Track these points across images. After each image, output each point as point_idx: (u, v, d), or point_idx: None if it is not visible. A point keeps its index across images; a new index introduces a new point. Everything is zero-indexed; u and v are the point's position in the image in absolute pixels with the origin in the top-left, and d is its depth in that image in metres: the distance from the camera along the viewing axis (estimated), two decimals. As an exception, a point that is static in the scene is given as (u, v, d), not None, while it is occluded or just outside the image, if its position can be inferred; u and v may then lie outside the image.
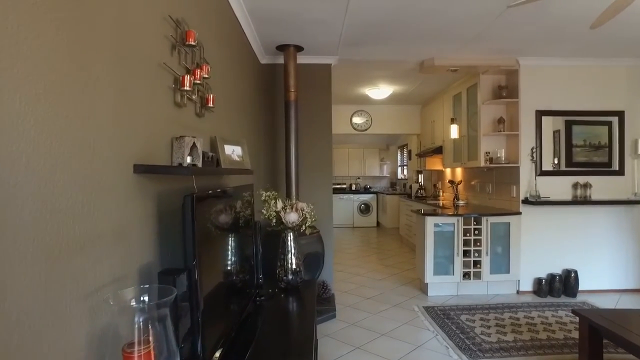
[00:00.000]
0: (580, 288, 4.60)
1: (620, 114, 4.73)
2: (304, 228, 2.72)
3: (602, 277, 4.72)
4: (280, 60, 4.07)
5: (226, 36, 2.71)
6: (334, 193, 10.37)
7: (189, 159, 1.65)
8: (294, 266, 2.79)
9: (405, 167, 10.24)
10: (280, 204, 2.69)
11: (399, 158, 10.95)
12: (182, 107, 1.76)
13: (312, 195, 4.32)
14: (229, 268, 2.07)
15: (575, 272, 4.56)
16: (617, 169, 4.74)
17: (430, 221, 4.49)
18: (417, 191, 7.88)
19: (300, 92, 4.12)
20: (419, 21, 3.47)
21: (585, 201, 4.59)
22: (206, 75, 1.95)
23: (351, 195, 10.69)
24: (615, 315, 2.73)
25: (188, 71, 1.81)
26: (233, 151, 2.35)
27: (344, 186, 11.10)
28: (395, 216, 9.30)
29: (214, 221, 1.83)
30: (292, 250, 2.78)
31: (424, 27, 3.61)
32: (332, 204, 4.51)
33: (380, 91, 6.19)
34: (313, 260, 3.79)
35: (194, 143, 1.67)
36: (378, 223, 10.66)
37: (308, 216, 2.74)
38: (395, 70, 5.17)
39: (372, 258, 6.66)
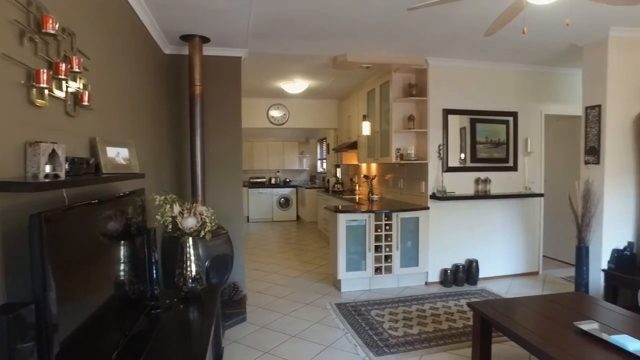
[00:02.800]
0: (480, 276, 4.93)
1: (514, 115, 5.11)
2: (203, 233, 2.55)
3: (498, 265, 5.11)
4: (187, 50, 3.78)
5: (112, 23, 2.42)
6: (252, 187, 10.31)
7: (47, 169, 1.41)
8: (194, 273, 2.61)
9: (324, 161, 10.31)
10: (177, 209, 2.49)
11: (318, 152, 11.00)
12: (41, 107, 1.50)
13: (221, 194, 4.13)
14: (112, 284, 1.85)
15: (476, 261, 4.88)
16: (512, 164, 5.14)
17: (342, 218, 4.52)
18: (334, 185, 7.95)
19: (207, 86, 3.88)
20: (329, 17, 3.42)
21: (485, 195, 4.92)
22: (77, 69, 1.69)
23: (271, 189, 10.55)
24: (503, 305, 2.91)
25: (50, 64, 1.55)
26: (118, 154, 2.11)
27: (263, 180, 10.92)
28: (314, 210, 9.34)
29: (88, 235, 1.60)
30: (192, 257, 2.60)
31: (335, 23, 3.56)
32: (242, 202, 4.35)
33: (295, 85, 6.10)
34: (221, 262, 3.62)
35: (53, 150, 1.43)
36: (298, 217, 10.65)
37: (208, 220, 2.57)
38: (309, 64, 5.10)
39: (289, 254, 6.60)
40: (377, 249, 4.61)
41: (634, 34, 3.89)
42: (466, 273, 4.85)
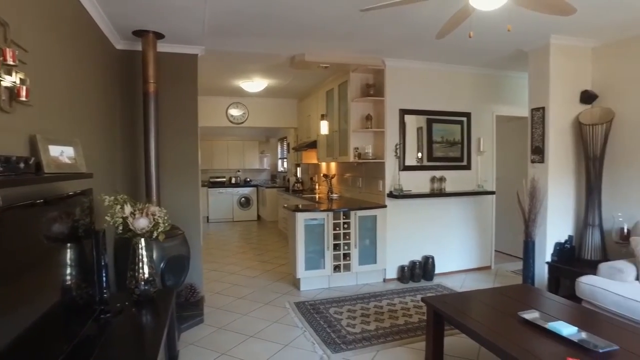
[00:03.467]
0: (436, 271, 5.09)
1: (468, 115, 5.30)
2: (156, 234, 2.49)
3: (453, 260, 5.29)
4: (140, 46, 3.66)
5: (54, 14, 2.31)
6: (212, 187, 10.13)
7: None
8: (146, 275, 2.55)
9: (285, 160, 10.29)
10: (128, 209, 2.42)
11: (279, 151, 10.97)
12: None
13: (177, 194, 4.05)
14: (55, 289, 1.77)
15: (432, 257, 5.03)
16: (466, 163, 5.33)
17: (300, 217, 4.53)
18: (294, 185, 7.96)
19: (162, 83, 3.79)
20: (286, 16, 3.42)
21: (441, 193, 5.07)
22: (12, 62, 1.61)
23: (231, 189, 10.42)
24: (454, 299, 3.03)
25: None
26: (62, 152, 2.02)
27: (224, 180, 10.77)
28: (274, 210, 9.31)
29: (27, 238, 1.53)
30: (144, 259, 2.53)
31: (292, 22, 3.56)
32: (199, 201, 4.27)
33: (254, 84, 6.05)
34: (177, 263, 3.54)
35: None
36: (259, 217, 10.58)
37: (161, 221, 2.51)
38: (267, 63, 5.08)
39: (249, 254, 6.55)
40: (336, 247, 4.66)
41: (572, 42, 4.14)
42: (423, 269, 4.99)
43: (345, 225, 4.69)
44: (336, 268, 4.68)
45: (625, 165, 4.02)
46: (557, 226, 4.25)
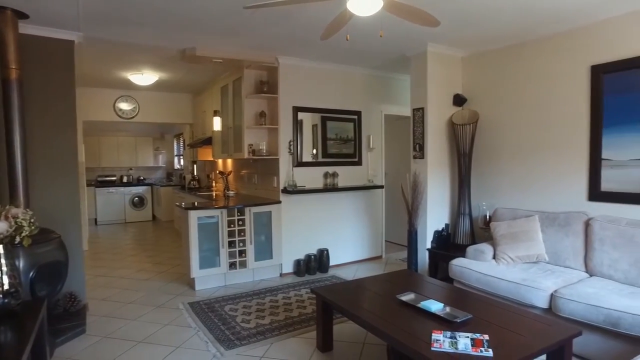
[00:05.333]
0: (331, 263, 5.31)
1: (358, 114, 5.60)
2: (19, 239, 2.24)
3: (347, 252, 5.56)
4: None
5: None
6: (101, 186, 9.34)
7: None
8: (6, 287, 2.28)
9: (181, 157, 9.87)
10: (-19, 212, 2.14)
11: (175, 147, 10.50)
12: None
13: (51, 194, 3.68)
14: None
15: (327, 250, 5.23)
16: (357, 159, 5.63)
17: (193, 215, 4.40)
18: (189, 182, 7.69)
19: (29, 70, 3.41)
20: (169, 7, 3.28)
21: (334, 188, 5.29)
22: None
23: (122, 188, 9.71)
24: (342, 288, 3.20)
25: None
26: None
27: (114, 178, 9.99)
28: (170, 209, 8.90)
29: None
30: (3, 268, 2.26)
31: (179, 13, 3.43)
32: (80, 202, 3.93)
33: (144, 77, 5.72)
34: (52, 270, 3.22)
35: None
36: (154, 216, 10.02)
37: (25, 224, 2.26)
38: (157, 56, 4.83)
39: (142, 256, 6.18)
40: (231, 244, 4.62)
41: (445, 50, 4.62)
42: (318, 262, 5.17)
43: (240, 222, 4.66)
44: (232, 265, 4.64)
45: (488, 160, 4.60)
46: (436, 216, 4.71)
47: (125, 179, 10.08)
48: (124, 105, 7.08)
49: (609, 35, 3.54)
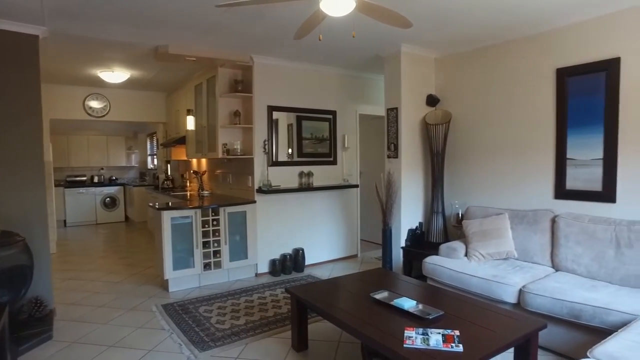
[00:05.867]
0: (307, 263, 5.31)
1: (333, 113, 5.62)
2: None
3: (322, 251, 5.58)
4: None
5: None
6: (70, 186, 9.07)
7: None
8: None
9: (155, 157, 9.69)
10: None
11: (148, 147, 10.29)
12: None
13: (14, 196, 3.56)
14: None
15: (302, 249, 5.23)
16: (332, 159, 5.65)
17: (166, 215, 4.33)
18: (163, 182, 7.55)
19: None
20: (141, 3, 3.21)
21: (309, 188, 5.30)
22: None
23: (93, 189, 9.45)
24: (317, 287, 3.21)
25: None
26: None
27: (84, 178, 9.72)
28: (143, 209, 8.72)
29: None
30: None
31: (150, 10, 3.37)
32: (46, 203, 3.80)
33: (115, 75, 5.58)
34: (15, 275, 3.11)
35: None
36: (127, 217, 9.80)
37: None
38: (128, 53, 4.72)
39: (114, 258, 6.04)
40: (206, 244, 4.57)
41: (418, 51, 4.69)
42: (293, 262, 5.16)
43: (215, 222, 4.62)
44: (206, 266, 4.59)
45: (460, 160, 4.70)
46: (410, 214, 4.77)
47: (96, 179, 9.81)
48: (95, 104, 6.90)
49: (573, 40, 3.67)
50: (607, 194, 3.49)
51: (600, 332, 2.56)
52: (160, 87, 6.91)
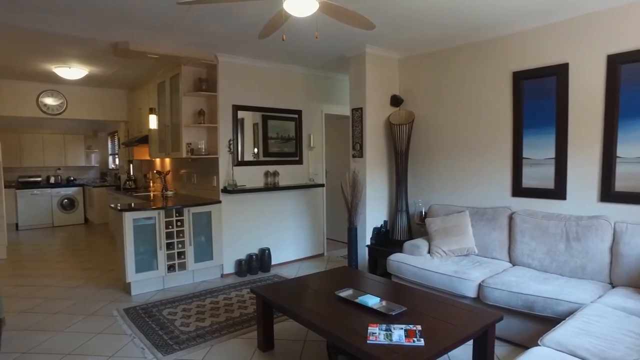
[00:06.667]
0: (273, 262, 5.31)
1: (299, 113, 5.63)
2: None
3: (288, 251, 5.59)
4: None
5: None
6: (23, 188, 8.65)
7: None
8: None
9: (116, 156, 9.39)
10: None
11: (110, 146, 9.97)
12: None
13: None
14: None
15: (269, 249, 5.22)
16: (298, 158, 5.66)
17: (128, 217, 4.21)
18: (125, 183, 7.33)
19: None
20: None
21: (275, 187, 5.28)
22: None
23: (49, 190, 9.04)
24: (283, 287, 3.21)
25: None
26: None
27: (39, 179, 9.28)
28: (104, 211, 8.45)
29: None
30: None
31: (109, 4, 3.26)
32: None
33: (72, 71, 5.37)
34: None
35: None
36: (86, 219, 9.45)
37: None
38: (85, 49, 4.55)
39: (71, 262, 5.81)
40: (170, 246, 4.48)
41: (383, 52, 4.77)
42: (260, 261, 5.14)
43: (179, 223, 4.53)
44: (171, 268, 4.50)
45: (423, 159, 4.82)
46: (375, 213, 4.85)
47: (52, 180, 9.39)
48: (50, 101, 6.61)
49: (527, 44, 3.84)
50: (558, 191, 3.68)
51: (551, 321, 2.70)
52: (121, 84, 6.70)
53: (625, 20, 3.25)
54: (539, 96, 3.77)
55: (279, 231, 5.45)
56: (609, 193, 3.38)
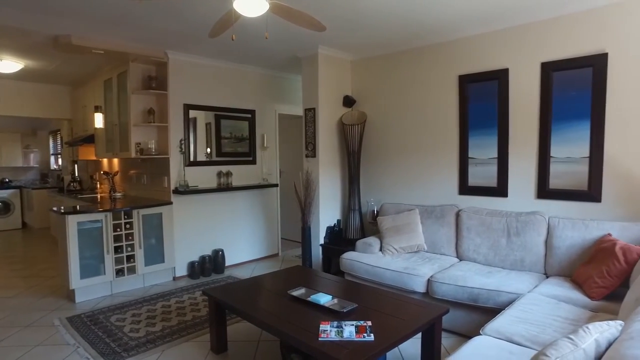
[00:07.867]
0: (227, 263, 5.24)
1: (253, 112, 5.59)
2: None
3: (243, 251, 5.54)
4: None
5: None
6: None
7: None
8: None
9: (59, 157, 8.89)
10: None
11: (51, 146, 9.42)
12: None
13: None
14: None
15: (222, 250, 5.15)
16: (252, 158, 5.62)
17: (72, 220, 4.01)
18: (69, 184, 6.96)
19: None
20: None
21: (228, 188, 5.22)
22: None
23: (-18, 192, 8.42)
24: (236, 288, 3.18)
25: None
26: None
27: (-30, 181, 8.62)
28: (45, 214, 7.97)
29: None
30: None
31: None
32: None
33: (5, 64, 5.02)
34: None
35: None
36: (24, 224, 8.87)
37: None
38: (20, 41, 4.25)
39: (6, 270, 5.44)
40: (118, 249, 4.31)
41: (335, 54, 4.84)
42: (213, 263, 5.06)
43: (128, 226, 4.37)
44: (119, 272, 4.33)
45: (375, 159, 4.93)
46: (328, 212, 4.91)
47: (-15, 182, 8.76)
48: (-20, 96, 6.15)
49: (470, 49, 4.04)
50: (501, 189, 3.89)
51: (494, 312, 2.87)
52: (63, 80, 6.35)
53: (556, 31, 3.50)
54: (483, 99, 3.97)
55: (232, 232, 5.39)
56: (544, 190, 3.63)
